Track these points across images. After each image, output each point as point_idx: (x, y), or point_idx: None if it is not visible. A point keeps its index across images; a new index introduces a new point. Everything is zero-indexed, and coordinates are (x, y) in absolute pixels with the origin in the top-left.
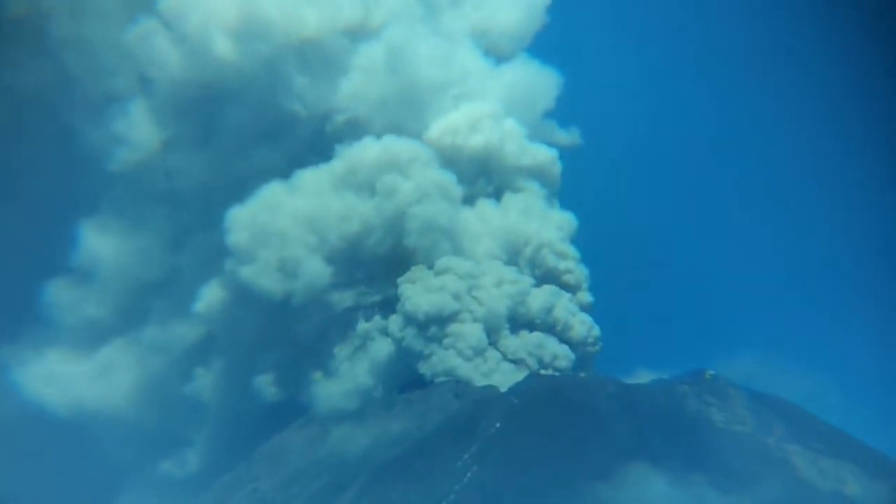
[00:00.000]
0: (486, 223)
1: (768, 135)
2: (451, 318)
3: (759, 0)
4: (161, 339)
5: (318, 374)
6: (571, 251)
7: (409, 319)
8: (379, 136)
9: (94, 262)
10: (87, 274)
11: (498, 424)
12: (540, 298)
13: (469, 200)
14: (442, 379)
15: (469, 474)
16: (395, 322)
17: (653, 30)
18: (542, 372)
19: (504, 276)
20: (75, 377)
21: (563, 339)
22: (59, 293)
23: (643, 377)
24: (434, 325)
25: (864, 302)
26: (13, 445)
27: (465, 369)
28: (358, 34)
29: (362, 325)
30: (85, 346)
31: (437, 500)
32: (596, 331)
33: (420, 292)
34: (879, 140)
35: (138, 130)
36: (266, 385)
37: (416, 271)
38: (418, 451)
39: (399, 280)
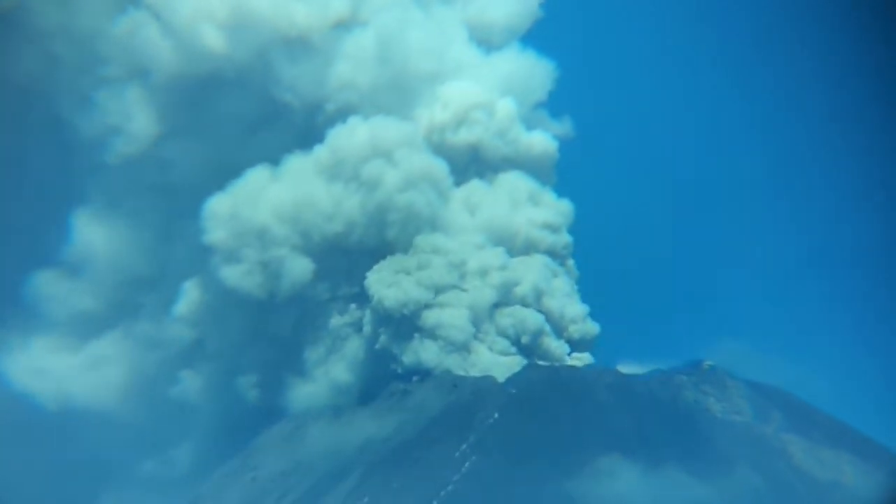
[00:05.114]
0: (473, 213)
1: (759, 129)
2: (427, 307)
3: None
4: (153, 334)
5: (297, 379)
6: (563, 246)
7: (380, 318)
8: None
9: (85, 253)
10: (78, 265)
11: (496, 415)
12: (529, 284)
13: (459, 182)
14: (416, 378)
15: (468, 464)
16: (366, 320)
17: (647, 22)
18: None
19: (490, 262)
20: (63, 370)
21: (558, 335)
22: (49, 284)
23: (637, 368)
24: (405, 323)
25: (859, 292)
26: None
27: (442, 364)
28: (348, 24)
29: (336, 320)
30: (74, 338)
31: (436, 490)
32: (593, 329)
33: (389, 283)
34: (865, 136)
35: (130, 121)
36: (248, 387)
37: (390, 262)
38: (417, 442)
39: (368, 273)
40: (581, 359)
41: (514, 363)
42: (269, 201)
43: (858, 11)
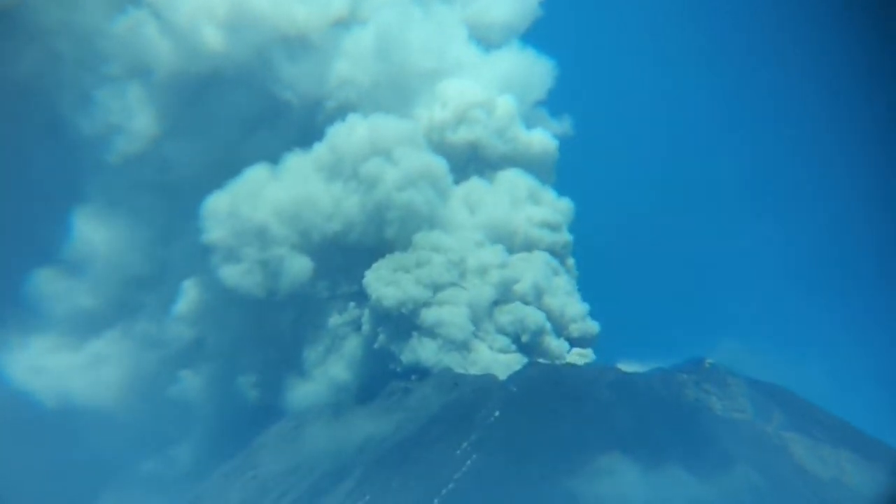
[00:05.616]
0: (473, 211)
1: (760, 128)
2: (426, 305)
3: None
4: (153, 333)
5: (296, 379)
6: (563, 244)
7: (378, 317)
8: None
9: (86, 252)
10: (78, 264)
11: (497, 413)
12: (529, 281)
13: (459, 180)
14: (415, 377)
15: (468, 462)
16: (365, 319)
17: (647, 21)
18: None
19: (489, 260)
20: (63, 368)
21: (558, 333)
22: (49, 282)
23: (638, 366)
24: (404, 321)
25: (860, 290)
26: None
27: (441, 362)
28: (347, 22)
29: (335, 319)
30: (74, 337)
31: (436, 488)
32: (593, 328)
33: (387, 282)
34: (865, 136)
35: (130, 120)
36: (248, 387)
37: (388, 260)
38: (418, 440)
39: (367, 272)
40: (584, 355)
41: (514, 361)
42: (269, 200)
43: (861, 13)
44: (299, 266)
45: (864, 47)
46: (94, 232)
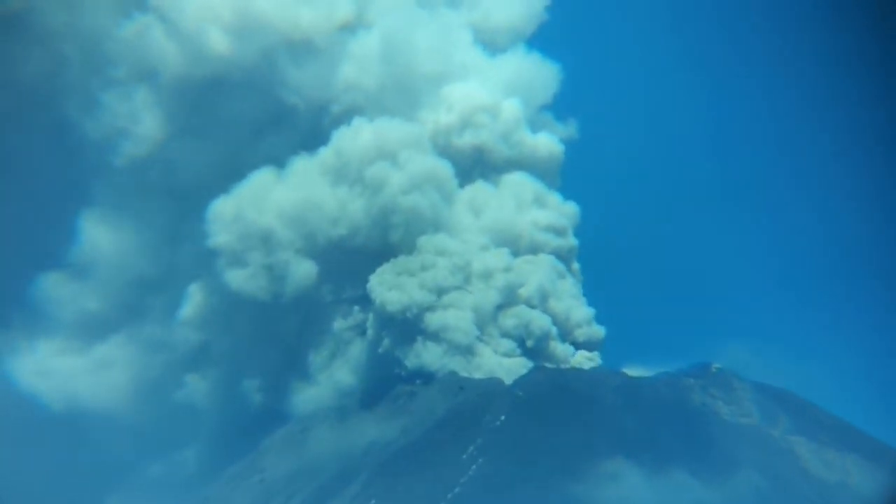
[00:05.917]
0: (478, 214)
1: (764, 132)
2: (430, 309)
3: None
4: (159, 337)
5: (301, 383)
6: (568, 249)
7: (382, 322)
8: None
9: (92, 255)
10: (85, 267)
11: (503, 417)
12: (534, 285)
13: (464, 184)
14: (419, 381)
15: (474, 466)
16: (370, 323)
17: (653, 25)
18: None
19: (494, 264)
20: (70, 371)
21: (563, 337)
22: (56, 286)
23: (644, 370)
24: (408, 326)
25: (866, 294)
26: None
27: (446, 367)
28: (353, 26)
29: (340, 323)
30: (81, 340)
31: (443, 492)
32: (599, 333)
33: (391, 286)
34: (867, 139)
35: (137, 123)
36: (253, 391)
37: (392, 264)
38: (423, 444)
39: (371, 276)
40: (591, 358)
41: (520, 365)
42: (274, 204)
43: (866, 17)
44: (304, 270)
45: (869, 49)
46: (100, 235)
